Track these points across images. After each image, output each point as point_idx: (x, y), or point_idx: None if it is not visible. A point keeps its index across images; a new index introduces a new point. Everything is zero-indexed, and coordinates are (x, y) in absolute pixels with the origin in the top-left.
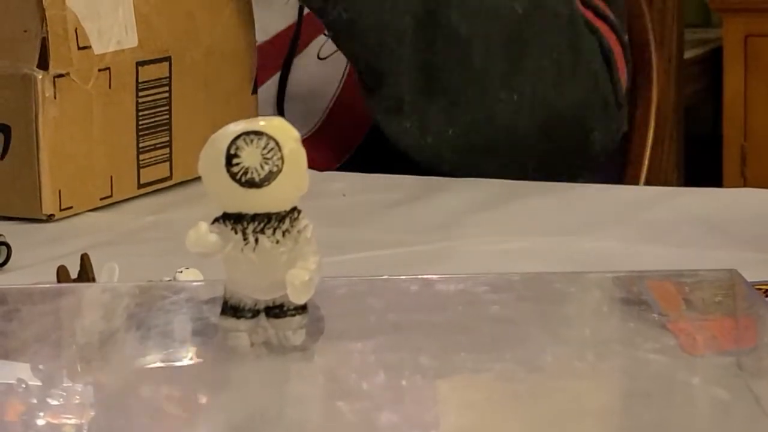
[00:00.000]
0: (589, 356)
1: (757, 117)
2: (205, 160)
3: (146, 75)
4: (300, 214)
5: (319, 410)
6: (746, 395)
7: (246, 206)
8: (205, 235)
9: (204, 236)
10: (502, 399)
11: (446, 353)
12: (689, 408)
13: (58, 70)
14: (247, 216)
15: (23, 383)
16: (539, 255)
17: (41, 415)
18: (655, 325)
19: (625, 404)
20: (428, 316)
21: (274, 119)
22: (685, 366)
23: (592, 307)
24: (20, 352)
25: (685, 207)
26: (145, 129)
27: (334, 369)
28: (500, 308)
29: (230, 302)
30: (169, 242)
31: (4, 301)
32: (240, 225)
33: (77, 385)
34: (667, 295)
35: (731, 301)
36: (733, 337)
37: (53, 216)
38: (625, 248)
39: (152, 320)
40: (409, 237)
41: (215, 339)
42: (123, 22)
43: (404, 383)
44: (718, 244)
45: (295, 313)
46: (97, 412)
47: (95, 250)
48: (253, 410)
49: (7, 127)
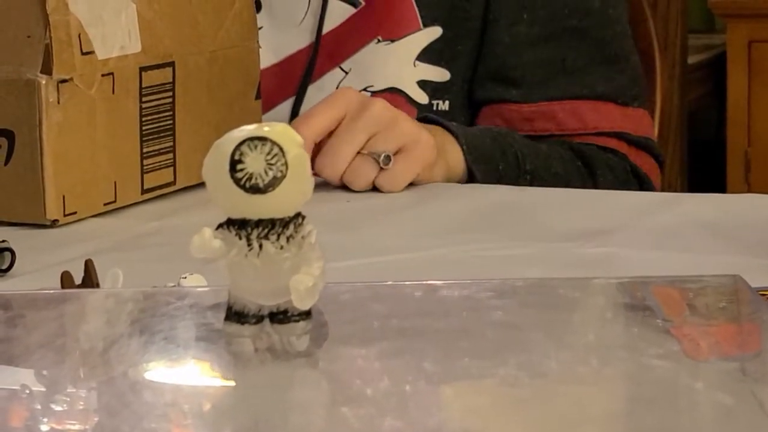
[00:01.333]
0: (593, 362)
1: (761, 122)
2: (210, 166)
3: (150, 80)
4: (304, 220)
5: (323, 416)
6: (750, 400)
7: (250, 212)
8: (209, 241)
9: (208, 242)
10: (505, 404)
11: (450, 359)
12: (693, 413)
13: (61, 76)
14: (251, 222)
15: (27, 389)
16: (543, 261)
17: (45, 421)
18: (659, 330)
19: (628, 409)
20: (432, 322)
21: (278, 125)
22: (689, 371)
23: (595, 312)
24: (24, 358)
25: (688, 213)
26: (148, 134)
27: (337, 375)
28: (504, 314)
29: (234, 308)
30: (173, 248)
31: (8, 307)
32: (244, 230)
33: (81, 390)
34: (671, 300)
35: (735, 307)
36: (737, 342)
37: (57, 221)
38: (630, 254)
39: (156, 326)
40: (413, 242)
41: (219, 344)
42: (126, 28)
43: (408, 389)
44: (721, 250)
45: (299, 318)
46: (100, 418)
47: (99, 255)
48: (257, 416)
49: (11, 133)
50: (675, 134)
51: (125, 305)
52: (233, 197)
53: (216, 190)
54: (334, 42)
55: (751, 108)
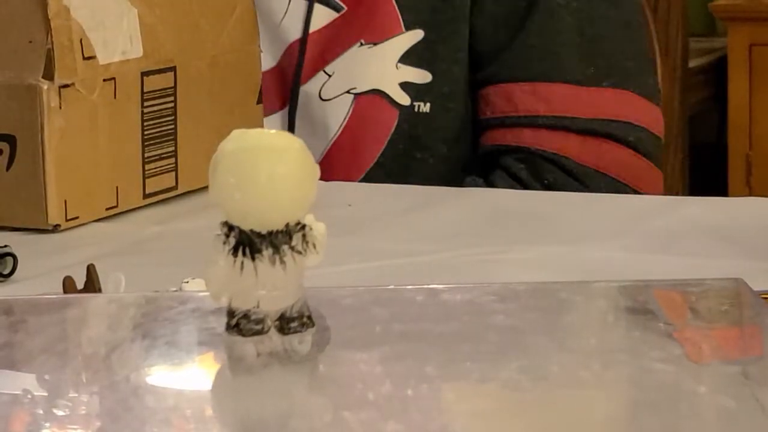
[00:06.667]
0: (595, 365)
1: (762, 126)
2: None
3: (151, 85)
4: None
5: (325, 420)
6: (752, 404)
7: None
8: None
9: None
10: (507, 408)
11: (452, 363)
12: (695, 417)
13: (63, 81)
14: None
15: (29, 394)
16: (545, 264)
17: (47, 425)
18: (661, 334)
19: (630, 413)
20: (434, 326)
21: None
22: (691, 375)
23: (597, 316)
24: (26, 363)
25: (690, 216)
26: (150, 139)
27: (339, 379)
28: (506, 317)
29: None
30: (175, 252)
31: (10, 312)
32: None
33: (83, 395)
34: (673, 304)
35: (737, 310)
36: (739, 345)
37: (59, 226)
38: (631, 257)
39: (158, 330)
40: (415, 246)
41: (221, 349)
42: (128, 33)
43: (410, 393)
44: (723, 253)
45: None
46: (103, 422)
47: (101, 260)
48: (259, 420)
49: (13, 138)
50: (676, 138)
51: (127, 310)
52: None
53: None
54: (318, 46)
55: (753, 111)
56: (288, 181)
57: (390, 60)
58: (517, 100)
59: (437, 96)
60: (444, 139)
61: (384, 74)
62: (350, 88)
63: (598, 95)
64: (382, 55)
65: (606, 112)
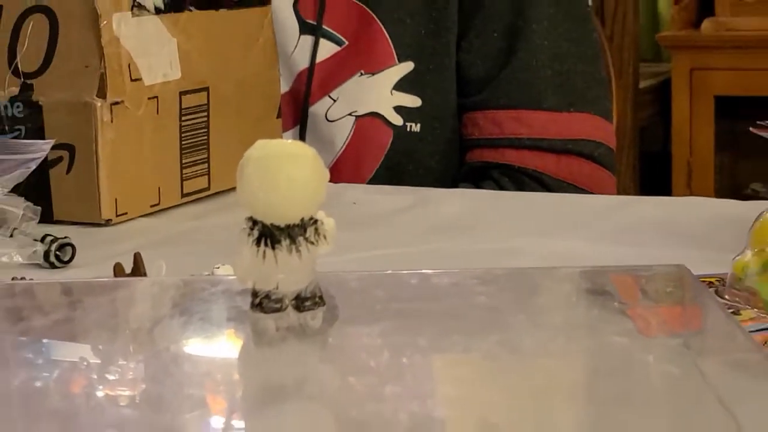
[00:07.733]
0: (561, 339)
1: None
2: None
3: (188, 102)
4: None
5: (334, 384)
6: (693, 371)
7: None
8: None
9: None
10: (487, 375)
11: (441, 336)
12: (645, 382)
13: (114, 99)
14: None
15: (85, 361)
16: (520, 253)
17: (100, 387)
18: (616, 312)
19: (591, 379)
20: (425, 305)
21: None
22: (642, 347)
23: (563, 297)
24: (83, 336)
25: (641, 213)
26: (187, 148)
27: (346, 349)
28: (486, 298)
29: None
30: (208, 243)
31: (69, 293)
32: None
33: (130, 363)
34: (626, 286)
35: (680, 292)
36: (682, 321)
37: (110, 221)
38: (591, 247)
39: (194, 308)
40: (410, 238)
41: (246, 324)
42: (168, 59)
43: (405, 361)
44: (668, 244)
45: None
46: (147, 385)
47: (146, 249)
48: (278, 384)
49: (72, 147)
50: (628, 147)
51: (168, 291)
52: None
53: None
54: (324, 74)
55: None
56: (303, 183)
57: (385, 87)
58: (503, 125)
59: (426, 117)
60: (432, 153)
61: (380, 99)
62: (352, 111)
63: (568, 119)
64: (379, 83)
65: (574, 132)
